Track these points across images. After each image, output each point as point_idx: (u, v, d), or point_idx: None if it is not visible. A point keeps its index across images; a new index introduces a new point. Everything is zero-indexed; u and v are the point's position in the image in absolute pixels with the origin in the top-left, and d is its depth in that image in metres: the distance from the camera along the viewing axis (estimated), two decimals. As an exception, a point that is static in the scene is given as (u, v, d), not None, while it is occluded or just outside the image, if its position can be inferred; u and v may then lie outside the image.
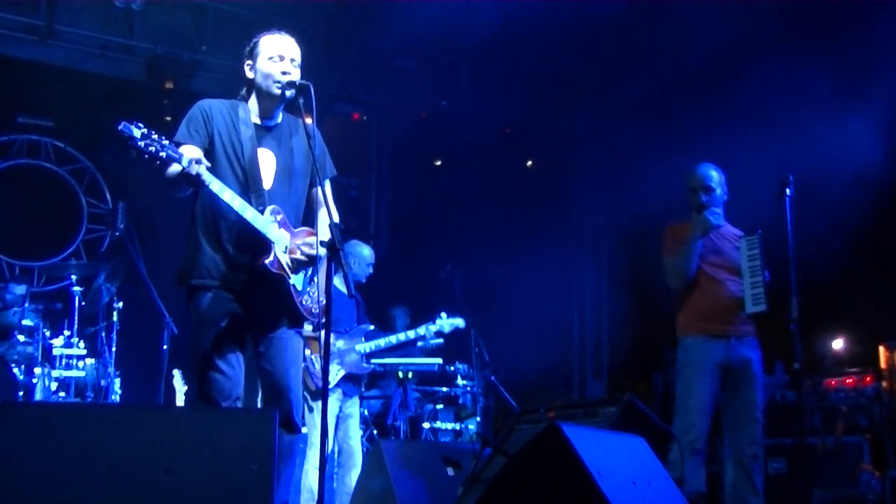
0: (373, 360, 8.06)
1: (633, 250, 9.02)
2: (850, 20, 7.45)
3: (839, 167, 7.08)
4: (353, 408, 6.49)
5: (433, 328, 6.87)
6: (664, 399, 9.08)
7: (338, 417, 6.38)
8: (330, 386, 6.24)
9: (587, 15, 8.31)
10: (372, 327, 6.76)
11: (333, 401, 6.28)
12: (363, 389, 7.96)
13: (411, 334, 6.82)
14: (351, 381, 6.44)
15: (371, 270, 6.81)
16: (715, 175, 5.35)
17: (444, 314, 6.92)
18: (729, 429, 5.17)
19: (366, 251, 6.79)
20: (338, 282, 6.61)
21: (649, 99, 9.39)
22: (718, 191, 5.35)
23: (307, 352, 6.04)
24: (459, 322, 6.97)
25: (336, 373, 6.28)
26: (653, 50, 8.81)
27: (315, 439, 6.03)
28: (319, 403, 5.61)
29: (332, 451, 6.57)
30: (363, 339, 6.54)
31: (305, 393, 6.15)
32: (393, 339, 6.72)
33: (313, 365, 6.11)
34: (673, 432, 5.11)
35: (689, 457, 4.96)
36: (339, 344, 6.37)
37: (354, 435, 6.45)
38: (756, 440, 5.10)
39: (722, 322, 5.17)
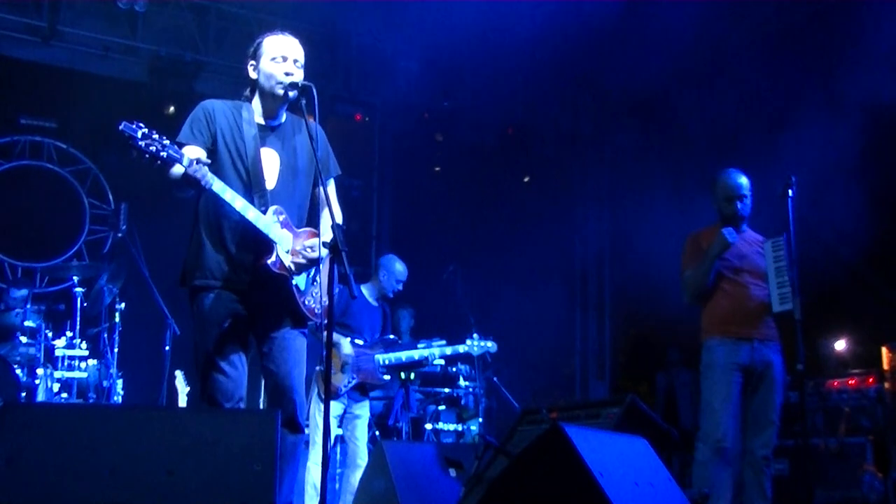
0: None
1: (636, 250, 9.01)
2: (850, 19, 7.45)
3: (844, 167, 7.07)
4: (363, 409, 6.49)
5: (462, 349, 6.77)
6: (667, 399, 9.07)
7: (344, 417, 6.37)
8: (342, 392, 6.24)
9: (591, 15, 8.31)
10: (394, 338, 6.72)
11: (337, 403, 6.27)
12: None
13: (436, 352, 6.71)
14: (359, 390, 6.42)
15: (400, 287, 6.72)
16: (745, 182, 5.32)
17: (475, 335, 6.81)
18: (744, 430, 5.15)
19: (399, 266, 6.73)
20: (365, 291, 6.62)
21: (654, 100, 9.39)
22: (748, 197, 5.34)
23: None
24: (491, 346, 6.85)
25: (349, 381, 6.27)
26: (658, 50, 8.80)
27: (318, 437, 6.04)
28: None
29: (335, 450, 6.58)
30: (383, 349, 6.50)
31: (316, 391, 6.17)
32: (415, 353, 6.61)
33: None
34: (680, 433, 5.12)
35: (714, 456, 4.95)
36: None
37: (361, 435, 6.43)
38: (770, 443, 5.11)
39: (746, 325, 5.17)
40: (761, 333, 5.19)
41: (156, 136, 3.49)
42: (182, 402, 6.95)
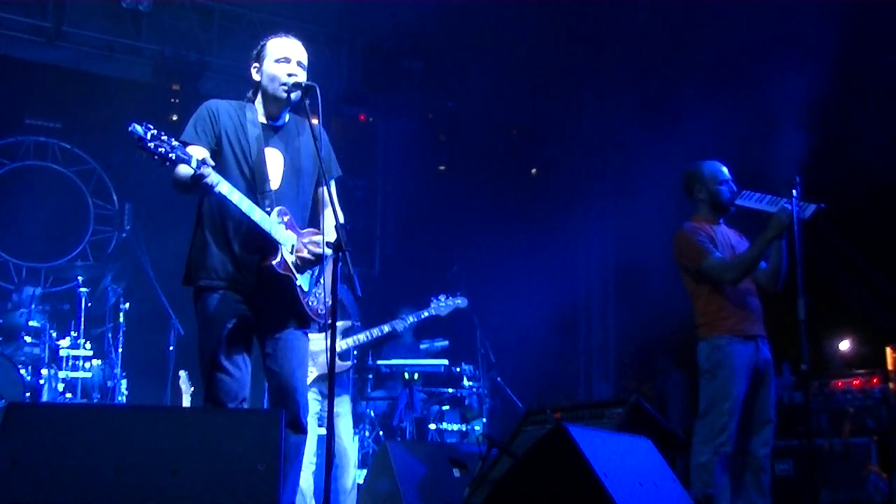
0: (379, 362, 8.06)
1: (640, 250, 9.00)
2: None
3: (848, 167, 7.06)
4: (342, 406, 6.19)
5: (425, 314, 6.52)
6: (658, 404, 9.01)
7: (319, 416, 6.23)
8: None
9: (593, 14, 8.31)
10: (349, 324, 6.28)
11: (312, 401, 6.10)
12: (369, 390, 7.94)
13: (398, 325, 6.44)
14: (325, 381, 6.23)
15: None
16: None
17: (441, 296, 6.57)
18: (743, 429, 5.10)
19: None
20: None
21: (657, 98, 9.38)
22: None
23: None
24: (460, 301, 6.61)
25: (308, 374, 6.11)
26: (660, 48, 8.80)
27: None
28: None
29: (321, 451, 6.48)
30: (340, 336, 6.27)
31: None
32: (375, 331, 6.27)
33: None
34: (682, 434, 5.07)
35: (714, 459, 4.88)
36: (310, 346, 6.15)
37: (345, 434, 6.18)
38: (769, 441, 5.05)
39: (751, 322, 5.10)
40: (762, 330, 5.14)
41: (164, 137, 3.49)
42: (186, 402, 6.96)
